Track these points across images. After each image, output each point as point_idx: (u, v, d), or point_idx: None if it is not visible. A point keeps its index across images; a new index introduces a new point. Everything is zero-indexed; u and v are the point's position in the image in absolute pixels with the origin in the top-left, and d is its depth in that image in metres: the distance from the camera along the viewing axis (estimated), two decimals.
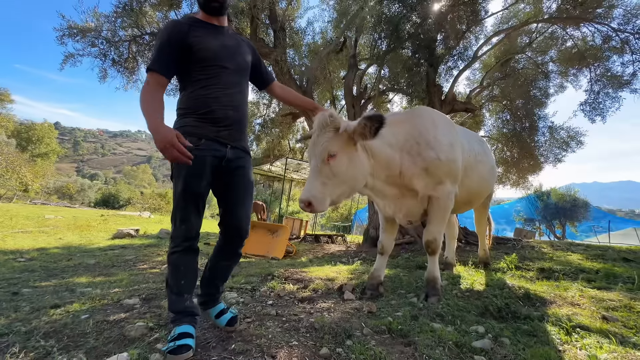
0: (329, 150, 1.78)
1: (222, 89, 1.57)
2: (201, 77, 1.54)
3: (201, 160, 1.50)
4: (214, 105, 1.54)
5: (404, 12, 5.82)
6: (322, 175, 1.78)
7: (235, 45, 1.66)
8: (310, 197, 1.72)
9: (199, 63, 1.54)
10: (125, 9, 6.00)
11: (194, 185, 1.52)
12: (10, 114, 31.33)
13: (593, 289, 2.59)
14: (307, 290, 2.62)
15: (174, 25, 1.53)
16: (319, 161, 1.79)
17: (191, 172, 1.49)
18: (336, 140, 1.80)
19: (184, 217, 1.54)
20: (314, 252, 6.41)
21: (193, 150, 1.45)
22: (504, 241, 6.01)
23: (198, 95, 1.54)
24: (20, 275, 3.42)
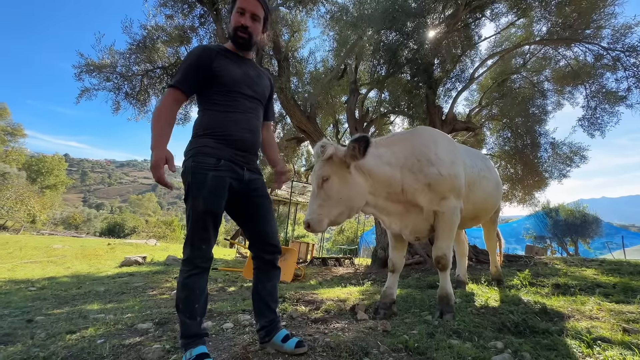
0: (322, 175, 1.97)
1: (241, 113, 1.63)
2: (221, 101, 1.60)
3: (221, 180, 1.53)
4: (232, 128, 1.59)
5: (401, 39, 6.14)
6: (318, 198, 1.96)
7: (256, 76, 1.73)
8: (308, 219, 1.91)
9: (221, 87, 1.60)
10: (139, 46, 6.42)
11: (214, 204, 1.52)
12: (22, 148, 32.41)
13: (611, 303, 2.54)
14: (320, 312, 2.60)
15: (204, 49, 1.62)
16: (315, 186, 1.99)
17: (212, 191, 1.51)
18: (328, 166, 1.99)
19: (204, 237, 1.52)
20: (322, 275, 6.33)
21: (212, 171, 1.50)
22: (515, 259, 5.91)
23: (217, 118, 1.59)
24: (33, 303, 3.43)
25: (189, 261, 1.53)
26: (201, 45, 1.71)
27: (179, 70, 1.60)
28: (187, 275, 1.52)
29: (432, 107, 6.86)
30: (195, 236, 1.52)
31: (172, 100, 1.54)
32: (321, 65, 8.28)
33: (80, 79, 6.22)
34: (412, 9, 5.90)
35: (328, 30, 7.47)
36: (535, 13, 6.30)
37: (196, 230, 1.51)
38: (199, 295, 1.53)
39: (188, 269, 1.52)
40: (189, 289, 1.52)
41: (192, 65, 1.57)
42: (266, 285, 1.72)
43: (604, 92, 6.71)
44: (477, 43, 7.38)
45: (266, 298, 1.71)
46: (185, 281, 1.52)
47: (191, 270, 1.52)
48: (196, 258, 1.52)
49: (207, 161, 1.52)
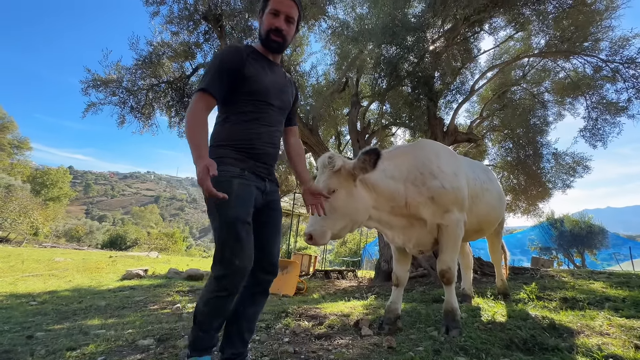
0: (329, 187, 1.92)
1: (266, 126, 1.54)
2: (247, 110, 1.50)
3: (248, 188, 1.44)
4: (256, 141, 1.50)
5: (401, 53, 6.24)
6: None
7: (283, 84, 1.64)
8: (311, 230, 1.85)
9: (249, 96, 1.49)
10: (145, 61, 6.56)
11: (244, 212, 1.40)
12: (27, 160, 32.80)
13: (621, 318, 2.48)
14: (323, 327, 2.56)
15: (236, 51, 1.49)
16: None
17: (241, 198, 1.40)
18: (335, 178, 1.95)
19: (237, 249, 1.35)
20: (325, 288, 6.25)
21: (238, 178, 1.41)
22: (521, 271, 5.81)
23: (240, 129, 1.49)
24: (33, 318, 3.40)
25: (218, 281, 1.36)
26: (232, 46, 1.58)
27: (207, 72, 1.47)
28: (214, 296, 1.37)
29: (434, 119, 6.91)
30: (227, 249, 1.35)
31: (204, 107, 1.41)
32: (323, 79, 8.42)
33: (87, 93, 6.35)
34: (411, 24, 6.03)
35: (329, 44, 7.63)
36: (533, 27, 6.40)
37: (227, 242, 1.35)
38: (222, 314, 1.42)
39: (215, 289, 1.36)
40: (214, 307, 1.39)
41: (224, 68, 1.44)
42: (248, 309, 1.54)
43: (605, 103, 6.74)
44: (477, 56, 7.49)
45: (242, 325, 1.53)
46: (211, 300, 1.38)
47: (219, 291, 1.36)
48: (227, 277, 1.35)
49: (229, 170, 1.41)
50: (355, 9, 7.27)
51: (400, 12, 6.14)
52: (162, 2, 6.26)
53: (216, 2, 6.08)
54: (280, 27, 1.51)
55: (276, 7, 1.50)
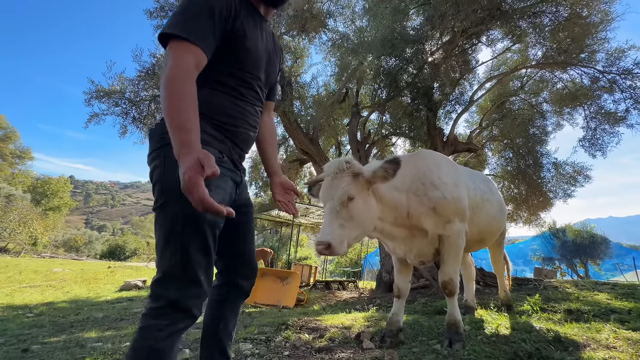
0: (348, 194, 1.82)
1: (251, 104, 1.21)
2: (229, 82, 1.13)
3: (227, 181, 1.11)
4: (240, 121, 1.16)
5: (400, 64, 6.34)
6: (340, 217, 1.78)
7: (273, 51, 1.29)
8: (330, 239, 1.68)
9: (236, 62, 1.12)
10: (148, 73, 6.66)
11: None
12: (28, 170, 32.95)
13: (628, 330, 2.44)
14: (324, 340, 2.52)
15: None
16: (338, 204, 1.79)
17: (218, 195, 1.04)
18: (354, 185, 1.86)
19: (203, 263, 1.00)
20: (326, 299, 6.16)
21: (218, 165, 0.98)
22: (524, 282, 5.74)
23: (224, 101, 1.13)
24: (30, 331, 3.35)
25: (175, 306, 0.94)
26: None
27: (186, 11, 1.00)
28: (167, 334, 0.92)
29: (433, 129, 6.96)
30: (191, 261, 0.96)
31: (193, 65, 0.95)
32: (323, 90, 8.52)
33: (90, 104, 6.42)
34: (410, 36, 6.14)
35: (330, 56, 7.76)
36: (530, 39, 6.51)
37: (191, 251, 0.97)
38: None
39: (169, 321, 0.93)
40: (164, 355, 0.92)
41: (213, 11, 1.00)
42: (229, 323, 1.28)
43: (603, 113, 6.79)
44: (475, 67, 7.59)
45: (224, 340, 1.26)
46: (159, 344, 0.91)
47: (176, 323, 0.94)
48: (190, 299, 0.96)
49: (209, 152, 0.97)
50: (355, 21, 7.43)
51: (399, 25, 6.26)
52: (165, 15, 6.40)
53: None
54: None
55: None
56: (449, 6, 5.31)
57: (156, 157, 1.05)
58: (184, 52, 0.94)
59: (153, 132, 1.11)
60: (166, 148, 0.99)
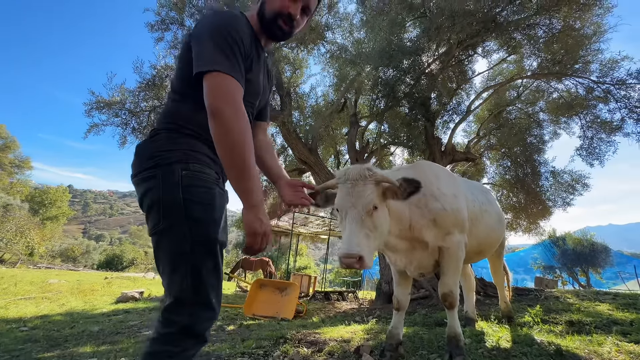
0: (374, 202, 1.73)
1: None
2: None
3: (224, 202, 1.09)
4: None
5: (398, 75, 6.42)
6: (365, 227, 1.67)
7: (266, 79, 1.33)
8: (361, 251, 1.54)
9: None
10: (148, 84, 6.72)
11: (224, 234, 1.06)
12: (27, 179, 32.87)
13: (630, 343, 2.41)
14: (323, 354, 2.48)
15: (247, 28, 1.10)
16: (363, 213, 1.69)
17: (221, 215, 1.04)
18: (377, 193, 1.78)
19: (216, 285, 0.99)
20: (325, 311, 6.09)
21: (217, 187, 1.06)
22: (525, 292, 5.69)
23: None
24: (23, 346, 3.29)
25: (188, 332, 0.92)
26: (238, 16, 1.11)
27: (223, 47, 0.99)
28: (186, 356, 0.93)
29: (432, 139, 7.00)
30: (203, 283, 0.95)
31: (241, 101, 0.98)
32: (322, 100, 8.60)
33: (90, 115, 6.45)
34: (407, 48, 6.23)
35: (328, 67, 7.86)
36: (525, 50, 6.62)
37: (202, 273, 0.95)
38: None
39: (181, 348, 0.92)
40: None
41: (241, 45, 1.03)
42: None
43: (599, 122, 6.85)
44: (471, 78, 7.70)
45: None
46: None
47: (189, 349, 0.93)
48: (203, 323, 0.96)
49: (208, 172, 1.03)
50: (352, 33, 7.55)
51: (396, 36, 6.37)
52: (166, 28, 6.50)
53: None
54: (295, 14, 1.18)
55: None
56: (445, 18, 5.41)
57: (150, 177, 1.00)
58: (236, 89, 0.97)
59: (143, 149, 1.06)
60: (163, 169, 0.98)
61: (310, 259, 35.45)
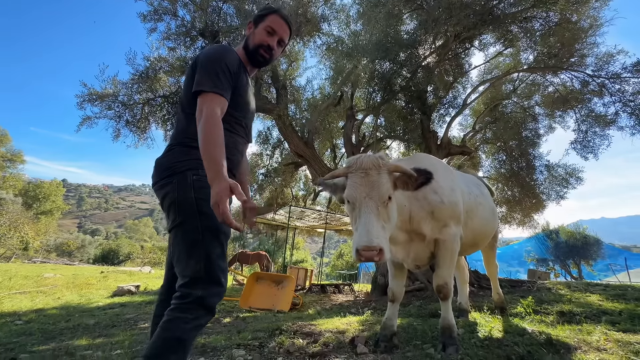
0: (389, 193, 1.68)
1: (241, 136, 1.49)
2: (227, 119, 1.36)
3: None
4: (233, 150, 1.42)
5: (394, 68, 6.39)
6: (381, 219, 1.61)
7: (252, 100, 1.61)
8: (380, 243, 1.48)
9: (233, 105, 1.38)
10: (142, 76, 6.62)
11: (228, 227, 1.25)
12: (20, 174, 32.40)
13: (618, 332, 2.46)
14: (318, 345, 2.50)
15: (235, 56, 1.41)
16: (379, 203, 1.63)
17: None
18: (391, 183, 1.72)
19: (223, 267, 1.23)
20: (321, 303, 6.14)
21: None
22: (518, 284, 5.78)
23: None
24: (18, 339, 3.28)
25: (201, 303, 1.13)
26: (230, 49, 1.45)
27: (212, 71, 1.29)
28: (193, 327, 1.11)
29: (427, 132, 7.00)
30: (214, 266, 1.18)
31: (220, 112, 1.25)
32: (318, 93, 8.54)
33: (82, 107, 6.35)
34: (404, 40, 6.19)
35: (324, 59, 7.78)
36: (522, 43, 6.60)
37: (212, 257, 1.18)
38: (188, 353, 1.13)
39: (194, 315, 1.11)
40: (185, 347, 1.09)
41: (226, 70, 1.33)
42: None
43: (594, 116, 6.89)
44: (468, 71, 7.68)
45: None
46: (185, 335, 1.09)
47: (200, 318, 1.14)
48: (214, 297, 1.17)
49: None
50: (349, 25, 7.47)
51: (392, 29, 6.31)
52: (159, 19, 6.37)
53: (213, 19, 6.21)
54: (272, 45, 1.51)
55: (273, 27, 1.50)
56: (441, 11, 5.37)
57: (166, 184, 1.26)
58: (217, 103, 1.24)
59: (161, 162, 1.32)
60: (178, 176, 1.25)
61: (307, 252, 35.63)
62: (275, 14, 1.51)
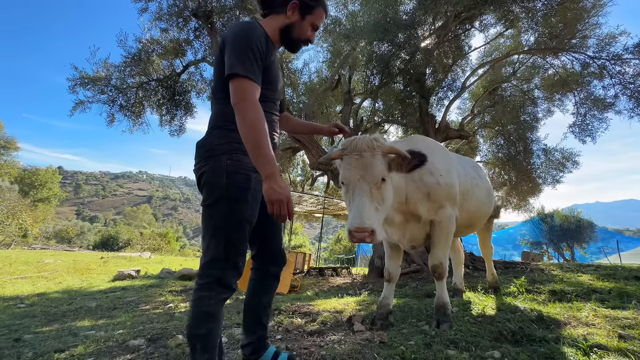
0: (383, 174, 1.68)
1: (274, 114, 1.52)
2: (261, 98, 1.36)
3: (260, 185, 1.33)
4: (271, 130, 1.43)
5: (393, 50, 6.26)
6: (374, 200, 1.63)
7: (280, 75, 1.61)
8: (372, 224, 1.51)
9: (265, 85, 1.38)
10: (134, 59, 6.46)
11: (254, 213, 1.35)
12: (14, 161, 32.08)
13: (607, 309, 2.54)
14: (316, 324, 2.57)
15: (262, 34, 1.36)
16: (372, 185, 1.64)
17: (255, 197, 1.34)
18: (385, 165, 1.71)
19: (242, 251, 1.31)
20: (319, 285, 6.26)
21: (254, 173, 1.32)
22: (512, 265, 5.90)
23: None
24: (21, 321, 3.34)
25: (219, 281, 1.24)
26: (256, 25, 1.39)
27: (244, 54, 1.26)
28: (216, 302, 1.24)
29: (426, 116, 6.95)
30: (232, 249, 1.27)
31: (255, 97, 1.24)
32: (315, 76, 8.40)
33: (75, 91, 6.23)
34: (403, 21, 6.04)
35: (322, 41, 7.61)
36: (523, 24, 6.47)
37: (234, 242, 1.27)
38: (221, 325, 1.30)
39: (216, 292, 1.24)
40: (216, 319, 1.24)
41: (257, 51, 1.29)
42: (263, 299, 1.58)
43: (593, 99, 6.85)
44: (468, 53, 7.55)
45: (260, 312, 1.57)
46: (212, 309, 1.23)
47: (221, 294, 1.26)
48: (231, 277, 1.27)
49: (246, 161, 1.28)
50: (347, 6, 7.26)
51: (391, 9, 6.15)
52: None
53: None
54: (313, 40, 1.59)
55: (318, 24, 1.55)
56: None
57: (204, 165, 1.32)
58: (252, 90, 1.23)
59: (201, 144, 1.37)
60: (214, 158, 1.30)
61: (305, 237, 36.05)
62: (322, 9, 1.53)
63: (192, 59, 7.01)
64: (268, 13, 1.53)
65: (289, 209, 1.18)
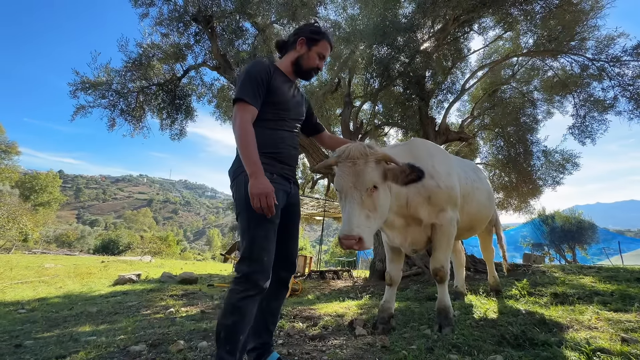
0: (374, 181, 1.69)
1: (287, 131, 1.69)
2: (269, 118, 1.62)
3: (277, 193, 1.51)
4: (281, 145, 1.63)
5: (392, 53, 6.29)
6: (365, 208, 1.66)
7: (299, 99, 1.81)
8: (360, 232, 1.55)
9: (273, 107, 1.62)
10: (135, 63, 6.49)
11: (277, 215, 1.50)
12: (15, 165, 32.12)
13: (609, 312, 2.53)
14: (317, 328, 2.56)
15: (264, 65, 1.63)
16: (363, 192, 1.66)
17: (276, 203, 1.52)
18: (378, 172, 1.73)
19: (266, 247, 1.45)
20: (320, 289, 6.24)
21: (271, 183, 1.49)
22: (514, 267, 5.88)
23: (267, 134, 1.59)
24: (22, 327, 3.33)
25: (247, 278, 1.39)
26: (259, 60, 1.71)
27: (243, 84, 1.55)
28: (243, 297, 1.37)
29: (425, 119, 6.97)
30: (256, 247, 1.42)
31: (249, 118, 1.50)
32: (315, 79, 8.42)
33: (76, 96, 6.24)
34: (402, 24, 6.07)
35: None
36: (522, 26, 6.50)
37: (257, 240, 1.43)
38: (247, 324, 1.40)
39: (243, 288, 1.38)
40: (241, 314, 1.36)
41: (257, 79, 1.56)
42: (271, 304, 1.66)
43: (592, 101, 6.86)
44: (467, 55, 7.58)
45: (267, 318, 1.64)
46: (238, 303, 1.36)
47: (248, 290, 1.38)
48: (257, 273, 1.40)
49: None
50: (346, 9, 7.31)
51: (390, 12, 6.18)
52: (151, 3, 6.20)
53: (206, 4, 6.05)
54: (321, 68, 1.81)
55: (324, 53, 1.77)
56: None
57: (232, 186, 1.60)
58: (244, 110, 1.50)
59: (230, 170, 1.64)
60: (239, 177, 1.55)
61: (306, 240, 35.99)
62: (326, 41, 1.77)
63: (192, 63, 7.04)
64: (284, 54, 1.81)
65: (268, 202, 1.36)
